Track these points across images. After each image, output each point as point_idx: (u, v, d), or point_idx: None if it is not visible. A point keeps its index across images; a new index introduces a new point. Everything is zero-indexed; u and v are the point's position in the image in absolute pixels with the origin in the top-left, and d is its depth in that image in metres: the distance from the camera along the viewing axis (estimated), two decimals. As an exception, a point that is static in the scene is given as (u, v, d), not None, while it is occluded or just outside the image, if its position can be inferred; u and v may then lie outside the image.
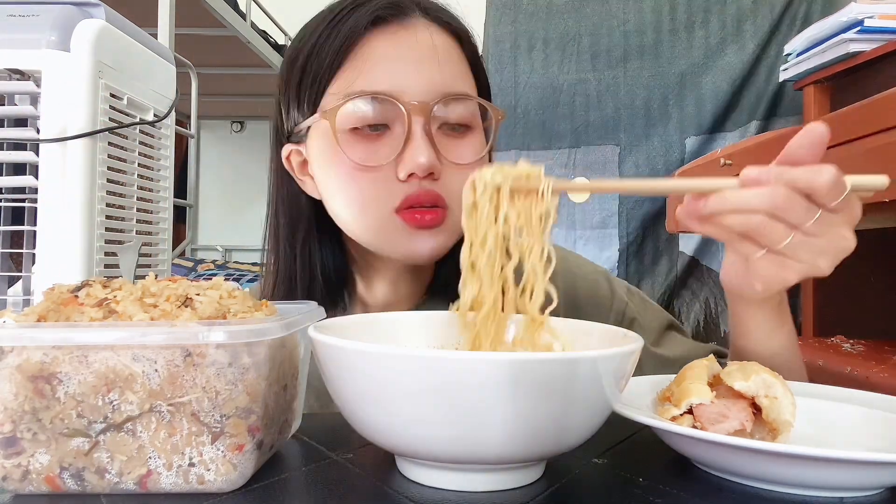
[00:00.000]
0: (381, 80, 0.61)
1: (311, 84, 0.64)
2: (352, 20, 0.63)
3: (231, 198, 3.25)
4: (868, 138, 1.07)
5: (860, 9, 1.48)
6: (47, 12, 0.66)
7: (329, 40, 0.63)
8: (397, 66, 0.62)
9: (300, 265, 0.69)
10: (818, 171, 0.45)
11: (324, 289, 0.70)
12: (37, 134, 0.66)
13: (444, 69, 0.63)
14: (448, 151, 0.63)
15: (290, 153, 0.68)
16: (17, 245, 0.67)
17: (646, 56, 2.44)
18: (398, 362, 0.35)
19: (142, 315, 0.38)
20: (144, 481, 0.38)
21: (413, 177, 0.61)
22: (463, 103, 0.64)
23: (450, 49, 0.65)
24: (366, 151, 0.62)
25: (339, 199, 0.65)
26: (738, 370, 0.46)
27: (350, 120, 0.61)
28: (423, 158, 0.60)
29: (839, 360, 1.16)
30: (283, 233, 0.70)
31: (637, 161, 2.43)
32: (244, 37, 2.12)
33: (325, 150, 0.64)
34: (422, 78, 0.62)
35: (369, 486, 0.40)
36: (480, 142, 0.67)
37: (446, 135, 0.64)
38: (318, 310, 0.48)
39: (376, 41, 0.62)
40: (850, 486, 0.39)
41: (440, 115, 0.63)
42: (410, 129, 0.61)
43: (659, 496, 0.39)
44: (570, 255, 0.80)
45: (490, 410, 0.35)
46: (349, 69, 0.62)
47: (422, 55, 0.63)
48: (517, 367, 0.34)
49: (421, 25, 0.64)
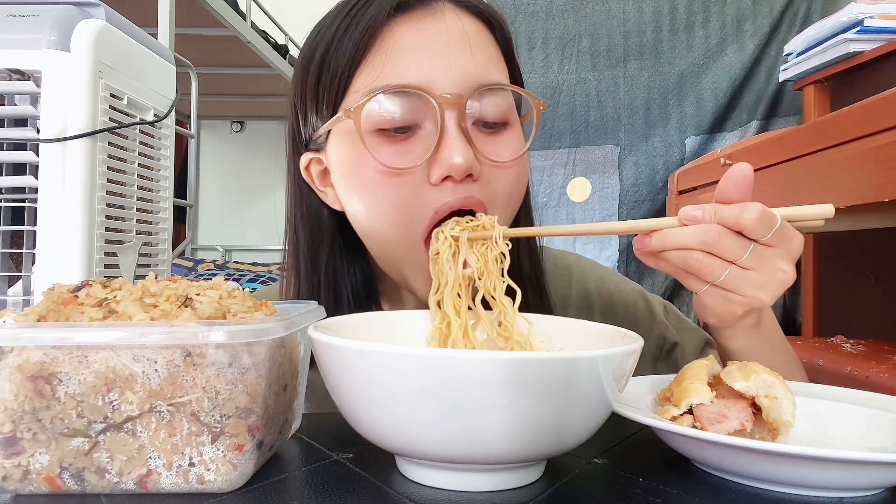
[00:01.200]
0: (408, 72, 0.55)
1: (331, 83, 0.58)
2: (372, 8, 0.57)
3: (231, 198, 3.24)
4: (868, 138, 1.07)
5: (860, 9, 1.48)
6: (47, 12, 0.66)
7: (348, 33, 0.57)
8: (425, 56, 0.56)
9: (324, 285, 0.64)
10: (744, 209, 0.47)
11: (347, 309, 0.63)
12: (37, 134, 0.65)
13: (478, 57, 0.57)
14: (486, 149, 0.57)
15: (310, 162, 0.63)
16: (17, 245, 0.67)
17: (646, 56, 2.44)
18: (398, 362, 0.35)
19: (142, 315, 0.38)
20: (144, 481, 0.38)
21: (449, 180, 0.55)
22: (500, 95, 0.58)
23: (482, 35, 0.59)
24: (394, 153, 0.56)
25: (364, 209, 0.59)
26: (738, 370, 0.46)
27: (376, 119, 0.56)
28: (460, 158, 0.54)
29: (839, 360, 1.16)
30: (304, 250, 0.65)
31: (637, 161, 2.43)
32: (244, 37, 2.12)
33: (348, 155, 0.59)
34: (453, 68, 0.56)
35: (369, 486, 0.40)
36: (519, 137, 0.61)
37: (482, 131, 0.58)
38: (318, 309, 0.48)
39: (401, 29, 0.57)
40: (850, 486, 0.39)
41: (475, 110, 0.57)
42: (443, 126, 0.55)
43: (659, 496, 0.39)
44: (608, 272, 0.79)
45: (490, 410, 0.35)
46: (372, 62, 0.56)
47: (451, 43, 0.56)
48: (517, 367, 0.34)
49: (448, 10, 0.58)
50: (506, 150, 0.59)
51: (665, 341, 0.73)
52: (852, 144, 1.11)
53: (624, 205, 2.43)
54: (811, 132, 1.24)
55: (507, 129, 0.60)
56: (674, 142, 2.41)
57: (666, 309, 0.78)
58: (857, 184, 1.08)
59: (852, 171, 1.10)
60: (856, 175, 1.09)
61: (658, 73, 2.43)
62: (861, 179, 1.08)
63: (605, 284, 0.76)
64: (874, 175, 1.04)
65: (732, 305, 0.50)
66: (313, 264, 0.64)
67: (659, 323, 0.74)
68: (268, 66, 2.38)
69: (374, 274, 0.67)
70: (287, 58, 2.49)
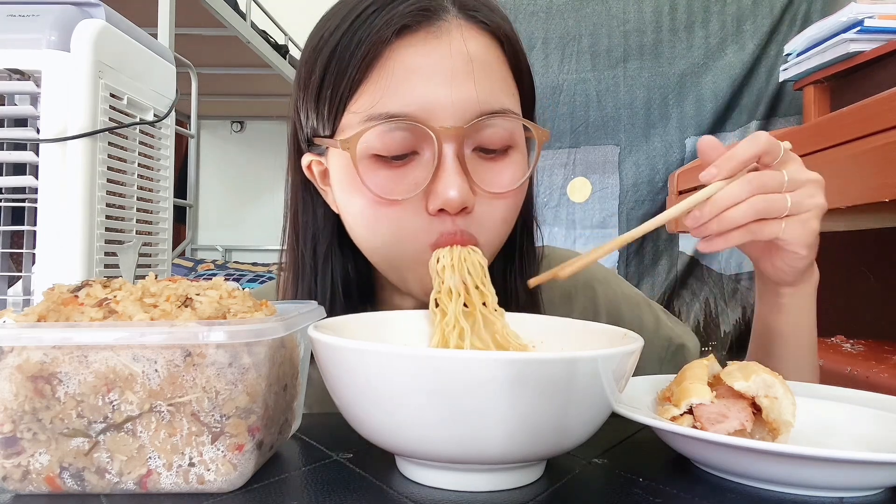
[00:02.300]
0: (407, 99, 0.54)
1: (331, 99, 0.57)
2: (376, 24, 0.55)
3: (231, 198, 3.24)
4: (868, 138, 1.07)
5: (860, 9, 1.48)
6: (47, 12, 0.66)
7: (349, 49, 0.56)
8: (426, 83, 0.54)
9: (320, 283, 0.64)
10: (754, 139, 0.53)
11: (344, 308, 0.63)
12: (37, 134, 0.65)
13: (481, 83, 0.55)
14: (483, 178, 0.56)
15: (312, 163, 0.62)
16: (17, 245, 0.67)
17: (646, 56, 2.45)
18: (398, 362, 0.35)
19: (142, 315, 0.38)
20: (144, 481, 0.38)
21: (443, 212, 0.55)
22: (501, 123, 0.56)
23: (488, 55, 0.57)
24: (391, 181, 0.55)
25: (360, 233, 0.59)
26: (738, 370, 0.46)
27: (372, 147, 0.55)
28: (455, 192, 0.53)
29: (839, 360, 1.16)
30: (302, 248, 0.65)
31: (637, 161, 2.43)
32: (244, 37, 2.12)
33: (346, 178, 0.58)
34: (454, 96, 0.54)
35: (369, 486, 0.40)
36: (521, 164, 0.59)
37: (483, 157, 0.57)
38: (318, 309, 0.48)
39: (403, 51, 0.55)
40: (850, 486, 0.39)
41: (475, 138, 0.56)
42: (441, 157, 0.54)
43: (659, 496, 0.39)
44: (612, 275, 0.79)
45: (490, 410, 0.35)
46: (372, 84, 0.55)
47: (455, 68, 0.55)
48: (517, 367, 0.34)
49: (454, 30, 0.56)
50: (504, 178, 0.58)
51: (671, 342, 0.74)
52: (852, 144, 1.11)
53: (624, 205, 2.43)
54: (811, 132, 1.24)
55: (508, 154, 0.59)
56: (674, 142, 2.41)
57: (667, 314, 0.79)
58: (857, 184, 1.08)
59: (852, 171, 1.10)
60: (856, 175, 1.09)
61: (658, 73, 2.43)
62: (861, 179, 1.08)
63: (610, 287, 0.76)
64: (874, 175, 1.04)
65: (810, 222, 0.54)
66: (312, 262, 0.64)
67: (664, 325, 0.75)
68: (268, 66, 2.38)
69: (373, 273, 0.66)
70: (287, 58, 2.49)
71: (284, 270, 0.67)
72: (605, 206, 2.44)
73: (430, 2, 0.56)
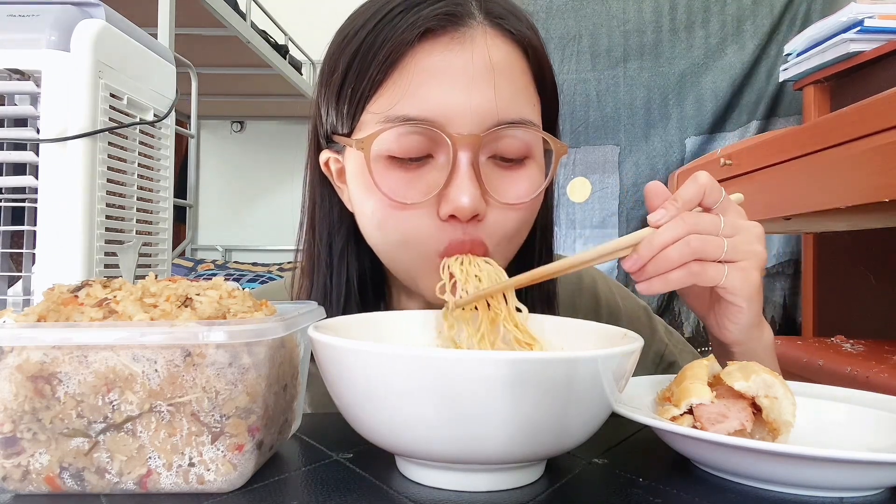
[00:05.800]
0: (426, 103, 0.54)
1: (351, 97, 0.57)
2: (401, 26, 0.54)
3: (231, 198, 3.24)
4: (868, 138, 1.07)
5: (860, 9, 1.49)
6: (47, 12, 0.66)
7: (372, 49, 0.55)
8: (446, 88, 0.54)
9: (336, 281, 0.63)
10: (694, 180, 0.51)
11: (360, 306, 0.64)
12: (37, 134, 0.65)
13: (502, 91, 0.54)
14: (497, 188, 0.56)
15: (329, 159, 0.63)
16: (17, 245, 0.67)
17: (646, 56, 2.45)
18: (398, 362, 0.35)
19: (142, 315, 0.38)
20: (144, 481, 0.38)
21: (454, 219, 0.55)
22: (519, 133, 0.56)
23: (511, 64, 0.56)
24: (403, 185, 0.55)
25: (374, 231, 0.59)
26: (739, 370, 0.46)
27: (387, 148, 0.55)
28: (467, 199, 0.53)
29: (839, 360, 1.16)
30: (318, 245, 0.65)
31: (637, 161, 2.43)
32: (244, 37, 2.12)
33: (361, 177, 0.57)
34: (473, 102, 0.54)
35: (369, 486, 0.40)
36: (536, 175, 0.58)
37: (499, 166, 0.57)
38: (318, 310, 0.48)
39: (425, 54, 0.54)
40: (850, 486, 0.39)
41: (492, 147, 0.56)
42: (455, 163, 0.53)
43: (659, 496, 0.39)
44: (615, 285, 0.79)
45: (490, 410, 0.35)
46: (392, 86, 0.55)
47: (476, 75, 0.54)
48: (517, 367, 0.34)
49: (479, 37, 0.55)
50: (519, 189, 0.57)
51: (662, 359, 0.74)
52: (852, 144, 1.11)
53: (624, 205, 2.43)
54: (811, 132, 1.24)
55: (524, 165, 0.58)
56: (674, 142, 2.41)
57: (667, 330, 0.78)
58: (857, 184, 1.08)
59: (852, 171, 1.10)
60: (856, 175, 1.09)
61: (658, 73, 2.43)
62: (861, 179, 1.08)
63: (612, 296, 0.77)
64: (874, 175, 1.04)
65: (751, 273, 0.51)
66: (328, 259, 0.64)
67: (658, 340, 0.75)
68: (268, 66, 2.37)
69: (385, 271, 0.66)
70: (287, 58, 2.49)
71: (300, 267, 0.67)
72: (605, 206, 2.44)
73: (456, 7, 0.55)
